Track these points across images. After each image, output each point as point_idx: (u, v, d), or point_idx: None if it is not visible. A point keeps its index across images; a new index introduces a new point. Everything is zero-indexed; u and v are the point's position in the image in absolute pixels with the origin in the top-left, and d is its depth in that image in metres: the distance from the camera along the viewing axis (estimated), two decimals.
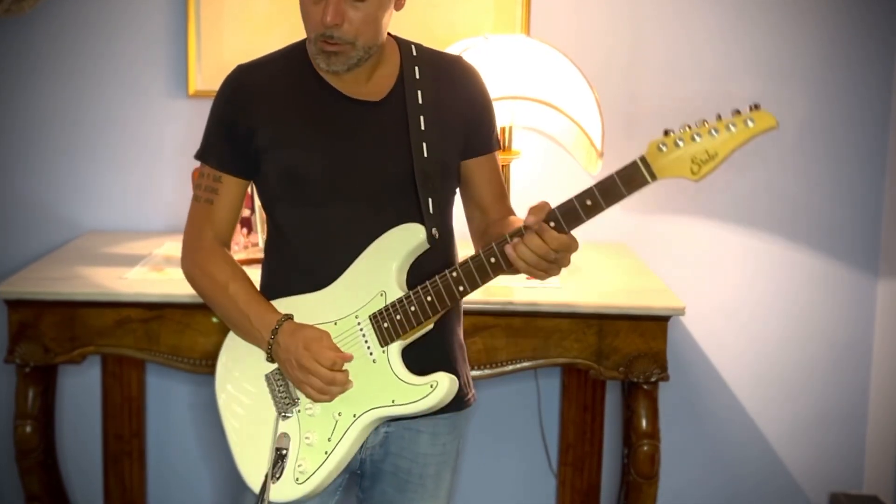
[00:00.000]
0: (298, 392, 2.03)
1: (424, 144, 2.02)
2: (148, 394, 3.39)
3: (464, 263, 1.94)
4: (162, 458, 3.43)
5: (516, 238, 1.88)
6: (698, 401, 3.42)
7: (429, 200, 2.01)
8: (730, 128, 1.74)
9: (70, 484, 3.34)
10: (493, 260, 1.91)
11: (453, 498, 2.24)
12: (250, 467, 2.06)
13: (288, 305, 2.05)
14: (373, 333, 1.99)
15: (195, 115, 3.26)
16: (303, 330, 2.00)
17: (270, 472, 2.02)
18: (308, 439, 2.01)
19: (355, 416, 1.99)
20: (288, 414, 2.04)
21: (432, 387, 1.96)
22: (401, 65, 2.07)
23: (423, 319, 1.96)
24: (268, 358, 2.04)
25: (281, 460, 2.02)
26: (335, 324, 2.02)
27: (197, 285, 2.12)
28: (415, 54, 2.09)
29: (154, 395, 3.40)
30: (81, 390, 3.40)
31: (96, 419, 3.39)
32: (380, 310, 1.98)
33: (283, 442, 2.03)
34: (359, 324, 2.00)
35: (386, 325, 1.98)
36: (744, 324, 3.40)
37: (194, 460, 3.44)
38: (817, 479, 3.46)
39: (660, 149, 1.78)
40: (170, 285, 2.71)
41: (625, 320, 2.67)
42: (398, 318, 1.97)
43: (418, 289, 1.96)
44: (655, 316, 2.68)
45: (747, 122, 1.74)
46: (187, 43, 3.26)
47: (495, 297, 2.68)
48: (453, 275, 1.94)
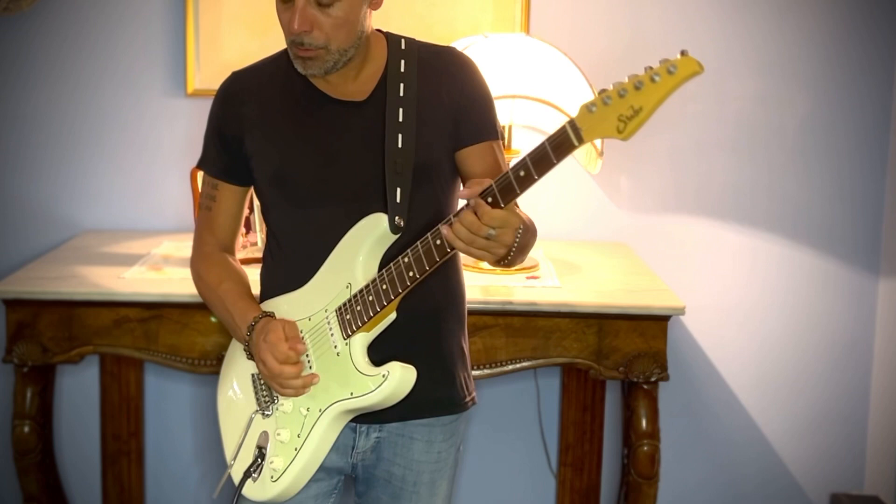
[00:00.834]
0: None
1: (400, 136, 1.97)
2: (146, 393, 3.39)
3: (413, 247, 1.88)
4: (160, 458, 3.43)
5: (453, 217, 1.82)
6: (698, 401, 3.42)
7: (396, 190, 1.96)
8: (654, 79, 1.63)
9: (68, 484, 3.34)
10: (438, 242, 1.85)
11: (452, 501, 2.22)
12: (237, 465, 2.07)
13: (272, 305, 2.06)
14: (337, 326, 1.98)
15: (194, 115, 3.26)
16: (269, 325, 1.99)
17: (248, 471, 2.02)
18: (280, 436, 2.01)
19: (321, 410, 1.98)
20: (268, 412, 2.04)
21: (384, 377, 1.93)
22: (387, 61, 2.04)
23: (380, 308, 1.92)
24: (248, 356, 2.04)
25: (261, 459, 2.02)
26: (309, 319, 2.01)
27: (198, 289, 2.16)
28: (403, 48, 2.05)
29: (152, 394, 3.39)
30: (79, 390, 3.39)
31: (94, 419, 3.39)
32: (344, 302, 1.97)
33: (263, 440, 2.03)
34: (327, 318, 1.99)
35: (348, 317, 1.96)
36: (744, 323, 3.39)
37: (193, 460, 3.43)
38: (818, 480, 3.45)
39: (589, 110, 1.67)
40: (168, 285, 2.71)
41: (625, 320, 2.66)
42: (358, 308, 1.94)
43: (376, 277, 1.93)
44: (655, 315, 2.67)
45: (670, 70, 1.62)
46: (186, 42, 3.26)
47: (495, 296, 2.67)
48: (405, 260, 1.89)
